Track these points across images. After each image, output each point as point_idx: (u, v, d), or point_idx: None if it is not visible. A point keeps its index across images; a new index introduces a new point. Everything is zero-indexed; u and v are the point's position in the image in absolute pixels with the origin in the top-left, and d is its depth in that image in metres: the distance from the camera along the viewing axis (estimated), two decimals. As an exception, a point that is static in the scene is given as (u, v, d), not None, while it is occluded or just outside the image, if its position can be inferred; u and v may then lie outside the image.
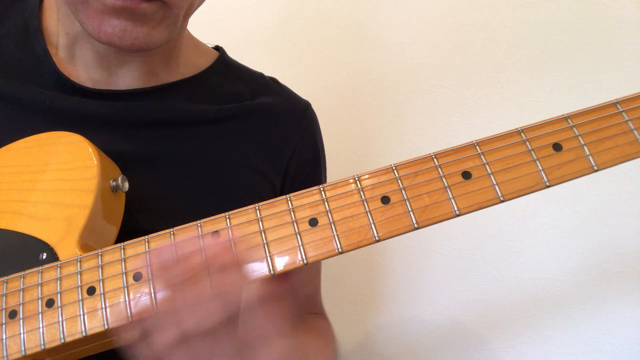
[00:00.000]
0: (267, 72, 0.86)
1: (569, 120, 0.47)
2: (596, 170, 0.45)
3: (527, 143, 0.47)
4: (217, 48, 0.83)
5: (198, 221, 0.50)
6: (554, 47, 1.08)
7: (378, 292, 1.21)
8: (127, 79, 0.69)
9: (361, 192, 0.48)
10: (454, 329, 1.15)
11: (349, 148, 1.22)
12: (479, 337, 1.14)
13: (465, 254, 1.15)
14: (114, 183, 0.57)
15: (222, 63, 0.80)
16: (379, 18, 1.19)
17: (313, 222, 0.48)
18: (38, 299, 0.50)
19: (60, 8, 0.66)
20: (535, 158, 0.46)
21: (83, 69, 0.67)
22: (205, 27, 1.26)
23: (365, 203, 0.48)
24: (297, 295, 0.51)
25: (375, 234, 0.47)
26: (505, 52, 1.11)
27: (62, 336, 0.48)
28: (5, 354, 0.49)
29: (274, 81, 0.85)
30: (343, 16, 1.22)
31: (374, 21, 1.20)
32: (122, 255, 0.50)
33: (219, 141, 0.72)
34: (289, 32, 1.27)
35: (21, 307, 0.50)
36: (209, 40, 0.84)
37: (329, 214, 0.48)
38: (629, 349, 1.05)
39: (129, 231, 0.58)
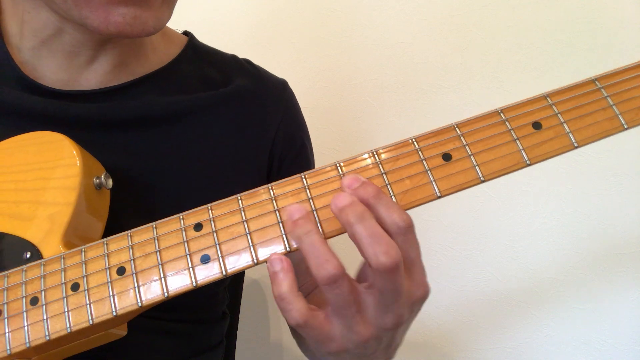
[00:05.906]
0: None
1: (548, 99, 0.47)
2: (576, 147, 0.45)
3: (507, 123, 0.47)
4: (186, 33, 0.81)
5: (180, 214, 0.49)
6: (554, 47, 1.08)
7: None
8: (98, 74, 0.67)
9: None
10: (454, 329, 1.14)
11: (349, 148, 1.22)
12: (478, 337, 1.13)
13: (465, 254, 1.14)
14: (97, 180, 0.56)
15: (192, 49, 0.78)
16: (379, 18, 1.20)
17: (295, 211, 0.48)
18: (22, 297, 0.49)
19: (28, 11, 0.63)
20: (515, 137, 0.46)
21: (50, 69, 0.65)
22: (205, 28, 1.28)
23: (346, 189, 0.47)
24: None
25: (357, 220, 0.46)
26: (505, 52, 1.11)
27: (47, 333, 0.48)
28: None
29: (248, 63, 0.83)
30: (343, 16, 1.23)
31: (374, 21, 1.20)
32: (105, 251, 0.49)
33: (198, 133, 0.71)
34: (289, 32, 1.27)
35: (5, 306, 0.50)
36: (209, 41, 0.84)
37: (311, 202, 0.47)
38: (629, 348, 1.04)
39: (113, 232, 0.57)
